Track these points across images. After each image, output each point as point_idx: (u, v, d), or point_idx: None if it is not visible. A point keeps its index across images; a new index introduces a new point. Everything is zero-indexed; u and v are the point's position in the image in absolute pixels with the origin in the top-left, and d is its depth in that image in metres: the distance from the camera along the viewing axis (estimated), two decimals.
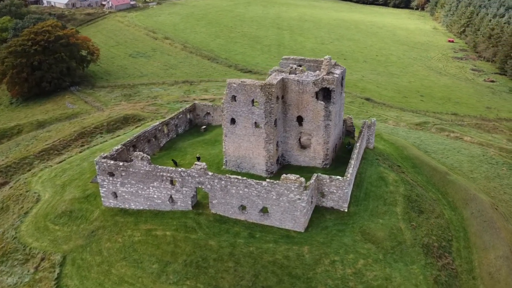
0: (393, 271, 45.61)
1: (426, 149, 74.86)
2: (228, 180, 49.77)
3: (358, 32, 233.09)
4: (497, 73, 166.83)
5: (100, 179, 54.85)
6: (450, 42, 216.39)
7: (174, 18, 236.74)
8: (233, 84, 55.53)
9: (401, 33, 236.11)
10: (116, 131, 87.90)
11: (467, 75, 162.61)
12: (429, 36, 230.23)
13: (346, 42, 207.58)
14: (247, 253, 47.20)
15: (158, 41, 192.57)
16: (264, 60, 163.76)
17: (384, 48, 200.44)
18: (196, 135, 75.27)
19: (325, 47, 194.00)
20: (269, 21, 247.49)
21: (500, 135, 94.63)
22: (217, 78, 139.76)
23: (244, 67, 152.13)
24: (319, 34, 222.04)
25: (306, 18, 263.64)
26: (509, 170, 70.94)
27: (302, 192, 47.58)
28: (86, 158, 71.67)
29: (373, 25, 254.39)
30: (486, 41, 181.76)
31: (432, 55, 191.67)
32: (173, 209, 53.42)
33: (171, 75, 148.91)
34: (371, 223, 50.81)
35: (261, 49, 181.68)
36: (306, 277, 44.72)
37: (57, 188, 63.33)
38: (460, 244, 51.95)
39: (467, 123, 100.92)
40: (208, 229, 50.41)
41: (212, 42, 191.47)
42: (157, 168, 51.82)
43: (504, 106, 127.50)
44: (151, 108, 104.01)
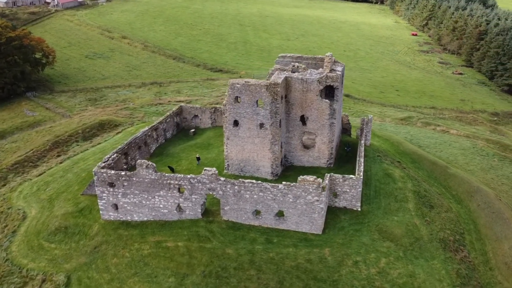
0: (415, 267, 47.40)
1: (418, 144, 78.02)
2: (242, 185, 49.88)
3: (321, 28, 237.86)
4: (463, 65, 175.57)
5: (99, 190, 53.37)
6: (413, 35, 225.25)
7: (128, 16, 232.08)
8: (236, 84, 55.61)
9: (364, 27, 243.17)
10: (92, 138, 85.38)
11: (436, 68, 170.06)
12: (392, 30, 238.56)
13: (311, 38, 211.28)
14: (268, 259, 47.54)
15: (115, 40, 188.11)
16: (233, 58, 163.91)
17: (350, 43, 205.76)
18: (186, 139, 74.57)
19: (292, 43, 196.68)
20: (230, 17, 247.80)
21: (482, 127, 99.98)
22: (187, 79, 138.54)
23: (214, 66, 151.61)
24: (283, 30, 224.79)
25: (267, 14, 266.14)
26: (500, 161, 75.23)
27: (320, 193, 48.46)
28: (69, 169, 69.35)
29: (335, 20, 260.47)
30: (450, 34, 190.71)
31: (398, 49, 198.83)
32: (181, 218, 52.87)
33: (136, 76, 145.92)
34: (386, 221, 52.49)
35: (227, 47, 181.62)
36: (331, 280, 45.63)
37: (43, 203, 60.94)
38: (472, 237, 54.76)
39: (448, 116, 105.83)
40: (222, 237, 50.29)
41: (173, 41, 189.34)
42: (164, 176, 51.10)
43: (477, 98, 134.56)
44: (125, 112, 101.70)
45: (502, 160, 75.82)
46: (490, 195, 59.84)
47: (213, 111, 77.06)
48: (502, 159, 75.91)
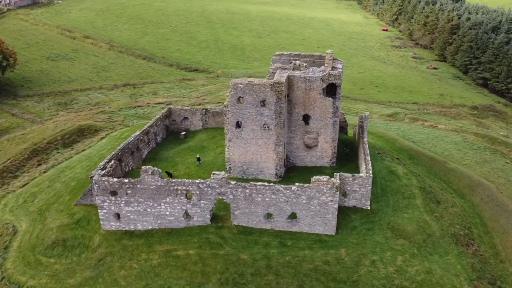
0: (431, 264, 48.95)
1: (412, 140, 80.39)
2: (253, 188, 50.04)
3: (291, 24, 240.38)
4: (437, 60, 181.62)
5: (100, 200, 52.26)
6: (384, 31, 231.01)
7: (88, 15, 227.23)
8: (239, 84, 55.69)
9: (334, 23, 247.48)
10: (73, 145, 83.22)
11: (410, 63, 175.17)
12: (362, 26, 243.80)
13: (283, 35, 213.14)
14: (285, 263, 47.94)
15: (77, 40, 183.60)
16: (206, 57, 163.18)
17: (322, 39, 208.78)
18: (177, 142, 73.94)
19: (264, 40, 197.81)
20: (196, 14, 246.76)
21: (466, 121, 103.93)
22: (161, 79, 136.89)
23: (187, 65, 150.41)
24: (253, 27, 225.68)
25: (234, 11, 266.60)
26: (492, 154, 78.54)
27: (334, 193, 49.26)
28: (55, 179, 67.44)
29: (304, 16, 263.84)
30: (422, 29, 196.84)
31: (371, 44, 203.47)
32: (188, 225, 52.49)
33: (106, 78, 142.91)
34: (397, 218, 53.92)
35: (198, 46, 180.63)
36: (351, 281, 46.49)
37: (33, 216, 59.04)
38: (480, 230, 57.03)
39: (433, 111, 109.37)
40: (235, 242, 50.30)
41: (140, 40, 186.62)
42: (170, 182, 50.58)
43: (454, 93, 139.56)
44: (102, 116, 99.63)
45: (494, 153, 79.17)
46: (492, 189, 62.52)
47: (204, 113, 76.74)
48: (493, 153, 79.26)
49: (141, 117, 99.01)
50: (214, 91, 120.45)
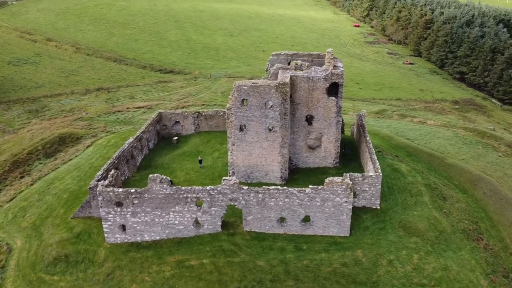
0: (446, 260, 50.50)
1: (405, 136, 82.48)
2: (266, 192, 50.33)
3: (262, 22, 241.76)
4: (412, 55, 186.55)
5: (104, 211, 51.36)
6: (356, 27, 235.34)
7: (48, 16, 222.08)
8: (243, 86, 55.84)
9: (305, 20, 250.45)
10: (55, 154, 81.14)
11: (386, 59, 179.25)
12: (334, 22, 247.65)
13: (255, 33, 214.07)
14: (303, 267, 48.42)
15: (39, 43, 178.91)
16: (180, 58, 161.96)
17: (295, 36, 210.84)
18: (170, 148, 73.37)
19: (236, 39, 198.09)
20: (162, 13, 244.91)
21: (452, 115, 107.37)
22: (136, 82, 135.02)
23: (162, 67, 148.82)
24: (223, 25, 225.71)
25: (201, 9, 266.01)
26: (484, 148, 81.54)
27: (349, 194, 50.13)
28: (45, 191, 65.75)
29: (273, 13, 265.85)
30: (395, 24, 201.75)
31: (344, 41, 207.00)
32: (198, 233, 52.28)
33: (76, 82, 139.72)
34: (408, 217, 55.34)
35: (170, 46, 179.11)
36: (371, 282, 47.43)
37: (28, 232, 57.41)
38: (486, 224, 59.19)
39: (418, 107, 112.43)
40: (249, 249, 50.43)
41: (108, 41, 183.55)
42: (180, 190, 50.23)
43: (434, 88, 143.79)
44: (82, 123, 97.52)
45: (485, 147, 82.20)
46: (493, 182, 65.00)
47: (196, 116, 76.42)
48: (485, 146, 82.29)
49: (123, 122, 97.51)
50: (194, 93, 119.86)
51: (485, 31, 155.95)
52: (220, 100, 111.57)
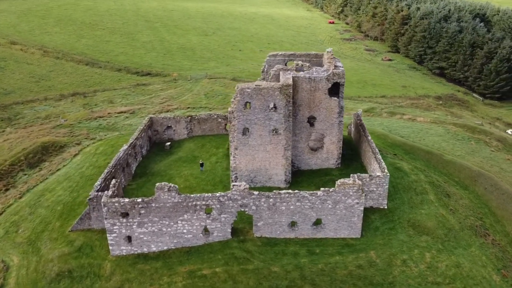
0: (458, 257, 52.00)
1: (399, 134, 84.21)
2: (277, 197, 50.70)
3: (235, 20, 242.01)
4: (390, 51, 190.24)
5: (109, 223, 50.71)
6: (331, 23, 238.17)
7: (8, 18, 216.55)
8: (246, 89, 56.02)
9: (279, 18, 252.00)
10: (40, 164, 79.33)
11: (365, 56, 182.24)
12: (308, 19, 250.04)
13: (229, 31, 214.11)
14: (318, 271, 49.00)
15: (3, 47, 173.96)
16: (155, 60, 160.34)
17: (271, 35, 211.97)
18: (164, 154, 72.84)
19: (211, 38, 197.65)
20: (131, 13, 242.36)
21: (439, 111, 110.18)
22: (113, 86, 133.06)
23: (138, 69, 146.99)
24: (196, 24, 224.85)
25: (170, 8, 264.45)
26: (477, 144, 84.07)
27: (360, 195, 51.00)
28: (36, 204, 64.30)
29: (246, 11, 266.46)
30: (371, 20, 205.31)
31: (321, 38, 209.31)
32: (207, 241, 52.18)
33: (49, 88, 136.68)
34: (416, 215, 56.71)
35: (144, 47, 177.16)
36: (388, 283, 48.40)
37: (23, 248, 56.06)
38: (491, 220, 61.11)
39: (404, 104, 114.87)
40: (262, 255, 50.69)
41: (77, 44, 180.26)
42: (189, 198, 50.05)
43: (416, 83, 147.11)
44: (62, 131, 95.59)
45: (478, 142, 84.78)
46: (493, 178, 67.17)
47: (189, 120, 76.10)
48: (477, 142, 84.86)
49: (107, 128, 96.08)
50: (176, 95, 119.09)
51: (462, 26, 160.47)
52: (205, 103, 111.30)
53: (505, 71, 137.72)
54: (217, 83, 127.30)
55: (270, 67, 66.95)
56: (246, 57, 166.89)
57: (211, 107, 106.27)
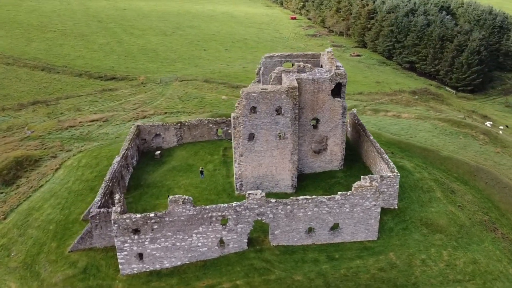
0: (474, 253, 54.41)
1: (389, 132, 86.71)
2: (295, 203, 51.42)
3: (194, 18, 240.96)
4: (357, 46, 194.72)
5: (120, 241, 49.93)
6: (293, 19, 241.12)
7: None
8: (252, 93, 56.38)
9: (238, 15, 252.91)
10: (16, 180, 76.66)
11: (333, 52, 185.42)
12: (269, 16, 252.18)
13: (189, 30, 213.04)
14: (341, 277, 50.08)
15: None
16: (117, 63, 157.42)
17: (233, 33, 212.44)
18: (156, 164, 72.01)
19: (172, 38, 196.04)
20: (80, 13, 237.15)
21: (420, 106, 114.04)
22: (76, 92, 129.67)
23: (101, 73, 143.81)
24: (152, 24, 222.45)
25: (122, 7, 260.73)
26: (465, 138, 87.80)
27: (378, 197, 52.47)
28: (24, 225, 62.25)
29: (204, 9, 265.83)
30: (335, 15, 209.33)
31: (285, 35, 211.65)
32: (223, 254, 52.25)
33: (3, 97, 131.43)
34: (427, 214, 58.90)
35: (102, 50, 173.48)
36: (411, 284, 50.07)
37: (20, 273, 54.28)
38: (496, 214, 64.09)
39: (384, 100, 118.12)
40: (282, 264, 51.26)
41: (27, 48, 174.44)
42: (204, 210, 49.97)
43: (389, 79, 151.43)
44: (33, 143, 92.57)
45: (466, 136, 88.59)
46: (492, 172, 70.49)
47: (179, 127, 75.56)
48: (465, 136, 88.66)
49: (82, 139, 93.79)
50: (148, 100, 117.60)
51: (430, 19, 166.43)
52: (181, 107, 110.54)
53: (476, 64, 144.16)
54: (190, 85, 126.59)
55: (267, 69, 67.50)
56: (212, 57, 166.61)
57: (190, 111, 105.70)
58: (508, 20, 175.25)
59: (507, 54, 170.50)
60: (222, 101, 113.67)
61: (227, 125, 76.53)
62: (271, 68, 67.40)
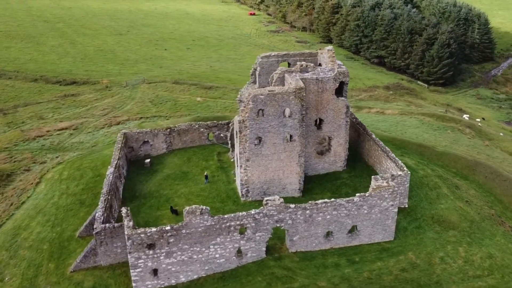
0: (488, 248, 56.84)
1: (378, 128, 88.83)
2: (314, 208, 52.11)
3: (147, 16, 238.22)
4: (322, 42, 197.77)
5: (134, 257, 49.07)
6: (252, 15, 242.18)
7: None
8: (259, 96, 56.67)
9: (193, 11, 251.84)
10: None
11: (298, 48, 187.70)
12: (226, 12, 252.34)
13: (145, 29, 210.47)
14: (365, 280, 51.20)
15: None
16: (74, 66, 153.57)
17: (192, 30, 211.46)
18: (148, 173, 71.01)
19: (129, 38, 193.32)
20: (23, 13, 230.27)
21: (400, 102, 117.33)
22: (35, 99, 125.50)
23: (58, 78, 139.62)
24: (104, 23, 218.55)
25: (68, 5, 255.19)
26: (453, 133, 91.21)
27: (395, 197, 53.98)
28: (12, 246, 59.98)
29: (156, 6, 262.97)
30: (297, 10, 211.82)
31: (247, 32, 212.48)
32: (240, 264, 52.33)
33: None
34: (437, 211, 61.02)
35: (54, 52, 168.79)
36: (434, 282, 51.80)
37: None
38: (499, 207, 66.91)
39: (363, 97, 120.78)
40: (303, 271, 51.85)
41: None
42: (222, 219, 49.87)
43: (359, 74, 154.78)
44: (0, 156, 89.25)
45: (454, 131, 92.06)
46: (491, 166, 73.60)
47: (168, 133, 74.77)
48: (453, 130, 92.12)
49: (54, 149, 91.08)
50: (118, 105, 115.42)
51: (396, 12, 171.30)
52: (155, 111, 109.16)
53: (447, 57, 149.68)
54: (159, 88, 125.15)
55: (263, 69, 67.85)
56: (176, 57, 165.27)
57: (166, 115, 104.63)
58: (472, 12, 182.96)
59: (473, 46, 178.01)
60: (198, 103, 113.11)
61: (218, 129, 76.38)
62: (268, 68, 67.85)
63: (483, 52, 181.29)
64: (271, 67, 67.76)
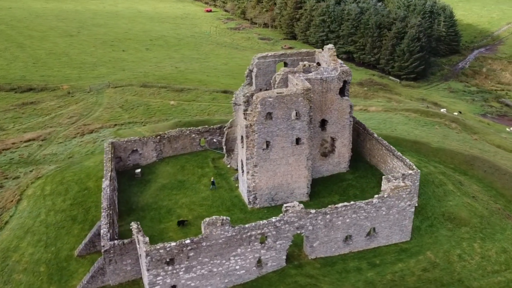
0: (501, 243, 59.43)
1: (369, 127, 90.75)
2: (334, 212, 53.09)
3: (96, 15, 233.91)
4: (286, 38, 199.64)
5: (152, 275, 48.55)
6: (208, 12, 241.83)
7: None
8: (268, 99, 57.10)
9: (145, 9, 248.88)
10: None
11: (263, 46, 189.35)
12: (181, 9, 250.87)
13: (97, 30, 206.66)
14: (389, 283, 52.59)
15: None
16: (27, 71, 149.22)
17: (148, 29, 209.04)
18: (140, 183, 70.11)
19: (80, 39, 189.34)
20: None
21: (380, 98, 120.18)
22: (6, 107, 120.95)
23: (12, 85, 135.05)
24: (51, 24, 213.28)
25: (7, 6, 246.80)
26: (441, 128, 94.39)
27: (412, 197, 55.68)
28: (5, 269, 58.36)
29: (105, 4, 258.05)
30: (257, 6, 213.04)
31: (206, 30, 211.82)
32: (261, 274, 52.67)
33: None
34: (447, 208, 63.25)
35: (2, 57, 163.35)
36: (456, 280, 53.80)
37: None
38: (502, 201, 69.95)
39: None
40: (327, 277, 52.72)
41: None
42: (243, 229, 50.05)
43: None
44: None
45: (441, 126, 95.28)
46: (489, 160, 76.72)
47: (158, 140, 74.03)
48: (440, 126, 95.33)
49: (25, 163, 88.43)
50: (85, 112, 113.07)
51: (362, 7, 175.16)
52: (128, 117, 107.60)
53: (418, 51, 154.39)
54: (126, 92, 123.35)
55: (260, 70, 68.18)
56: (136, 59, 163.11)
57: (141, 121, 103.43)
58: (437, 5, 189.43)
59: (439, 39, 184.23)
60: (172, 107, 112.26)
61: (210, 134, 76.24)
62: (265, 69, 68.28)
63: (449, 45, 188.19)
64: (268, 68, 68.25)
